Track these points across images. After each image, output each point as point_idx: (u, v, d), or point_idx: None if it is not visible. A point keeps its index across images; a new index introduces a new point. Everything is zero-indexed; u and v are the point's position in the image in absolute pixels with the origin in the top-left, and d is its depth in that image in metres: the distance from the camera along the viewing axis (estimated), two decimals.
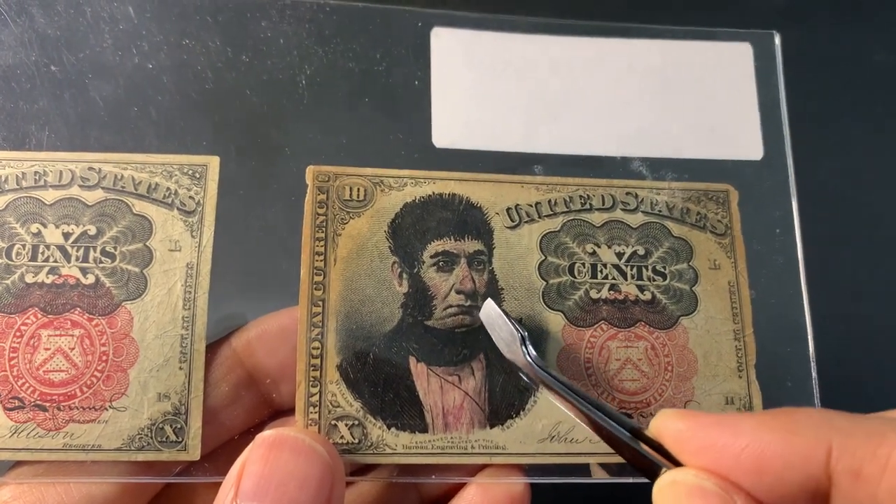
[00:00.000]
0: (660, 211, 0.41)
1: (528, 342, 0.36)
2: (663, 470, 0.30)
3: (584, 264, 0.40)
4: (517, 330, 0.36)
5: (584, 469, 0.38)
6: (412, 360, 0.38)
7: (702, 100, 0.45)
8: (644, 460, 0.32)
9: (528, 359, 0.36)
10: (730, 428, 0.29)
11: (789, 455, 0.27)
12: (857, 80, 0.59)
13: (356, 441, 0.36)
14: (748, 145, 0.44)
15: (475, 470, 0.37)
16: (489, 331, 0.37)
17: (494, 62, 0.44)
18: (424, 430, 0.37)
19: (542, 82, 0.44)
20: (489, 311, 0.37)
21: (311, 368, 0.37)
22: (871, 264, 0.54)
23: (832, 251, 0.53)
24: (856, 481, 0.26)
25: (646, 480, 0.36)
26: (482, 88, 0.43)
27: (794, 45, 0.45)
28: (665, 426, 0.31)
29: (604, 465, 0.38)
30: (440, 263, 0.39)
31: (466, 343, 0.38)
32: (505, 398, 0.38)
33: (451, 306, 0.38)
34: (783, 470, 0.27)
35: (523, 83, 0.44)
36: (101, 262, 0.37)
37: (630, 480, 0.38)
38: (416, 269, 0.39)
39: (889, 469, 0.25)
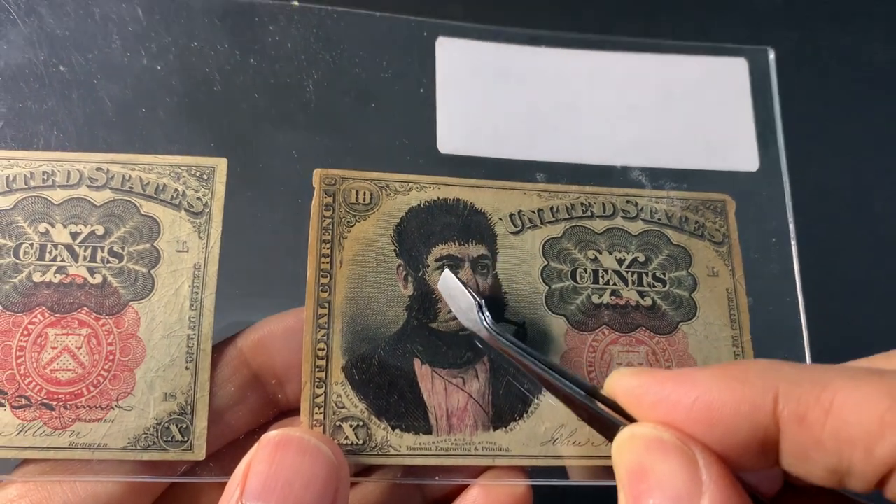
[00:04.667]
0: (659, 219, 0.42)
1: (484, 309, 0.36)
2: (621, 428, 0.31)
3: (585, 270, 0.41)
4: (474, 298, 0.37)
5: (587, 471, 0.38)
6: (417, 362, 0.38)
7: (699, 112, 0.46)
8: (602, 419, 0.32)
9: (485, 325, 0.36)
10: (681, 382, 0.29)
11: (738, 404, 0.28)
12: (854, 87, 0.60)
13: (361, 442, 0.37)
14: (744, 157, 0.45)
15: (478, 472, 0.38)
16: (447, 300, 0.38)
17: (497, 72, 0.44)
18: (428, 431, 0.37)
19: (544, 92, 0.44)
20: (447, 282, 0.38)
21: (317, 369, 0.37)
22: (865, 272, 0.55)
23: (827, 259, 0.54)
24: (801, 426, 0.27)
25: None
26: (485, 97, 0.44)
27: (793, 47, 0.46)
28: (619, 384, 0.31)
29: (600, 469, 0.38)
30: (444, 267, 0.39)
31: (471, 345, 0.38)
32: (508, 401, 0.38)
33: None
34: (733, 419, 0.28)
35: (525, 93, 0.44)
36: (108, 262, 0.37)
37: None
38: (420, 273, 0.39)
39: (832, 413, 0.26)
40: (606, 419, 0.32)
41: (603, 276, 0.41)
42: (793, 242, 0.43)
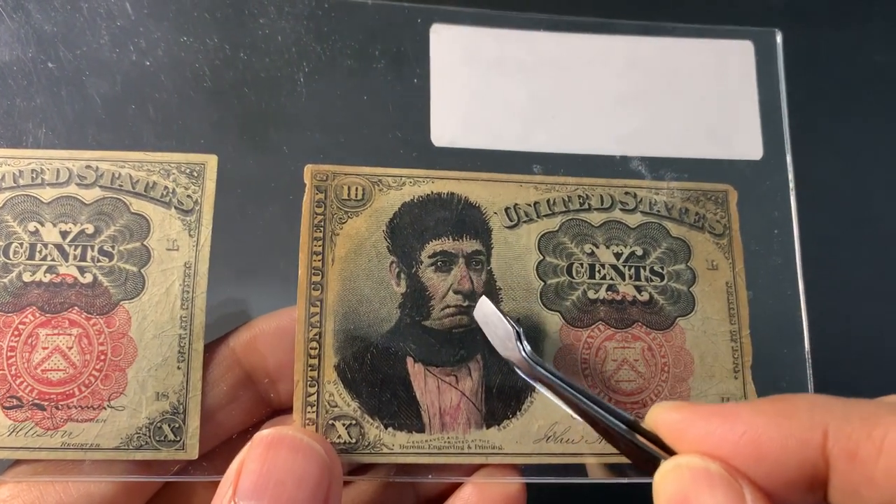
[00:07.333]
0: (658, 211, 0.41)
1: (523, 338, 0.36)
2: (662, 460, 0.31)
3: (582, 264, 0.40)
4: (512, 326, 0.36)
5: (579, 469, 0.38)
6: (410, 361, 0.38)
7: (702, 98, 0.45)
8: (641, 453, 0.32)
9: (524, 355, 0.36)
10: (726, 416, 0.29)
11: (786, 440, 0.28)
12: (857, 80, 0.58)
13: (353, 441, 0.36)
14: (748, 145, 0.44)
15: (471, 470, 0.37)
16: (483, 328, 0.37)
17: (494, 59, 0.43)
18: (421, 430, 0.37)
19: (542, 80, 0.44)
20: (484, 309, 0.37)
21: (309, 368, 0.37)
22: (868, 266, 0.54)
23: (830, 252, 0.53)
24: (852, 463, 0.27)
25: (642, 480, 0.36)
26: (481, 86, 0.43)
27: (793, 44, 0.45)
28: (661, 417, 0.31)
29: (600, 465, 0.38)
30: (438, 263, 0.39)
31: (464, 343, 0.38)
32: (501, 399, 0.38)
33: (448, 306, 0.38)
34: (781, 455, 0.27)
35: (523, 80, 0.43)
36: (98, 261, 0.37)
37: (625, 480, 0.38)
38: (413, 269, 0.39)
39: (885, 450, 0.26)
40: (647, 452, 0.32)
41: (599, 271, 0.40)
42: (795, 234, 0.42)
